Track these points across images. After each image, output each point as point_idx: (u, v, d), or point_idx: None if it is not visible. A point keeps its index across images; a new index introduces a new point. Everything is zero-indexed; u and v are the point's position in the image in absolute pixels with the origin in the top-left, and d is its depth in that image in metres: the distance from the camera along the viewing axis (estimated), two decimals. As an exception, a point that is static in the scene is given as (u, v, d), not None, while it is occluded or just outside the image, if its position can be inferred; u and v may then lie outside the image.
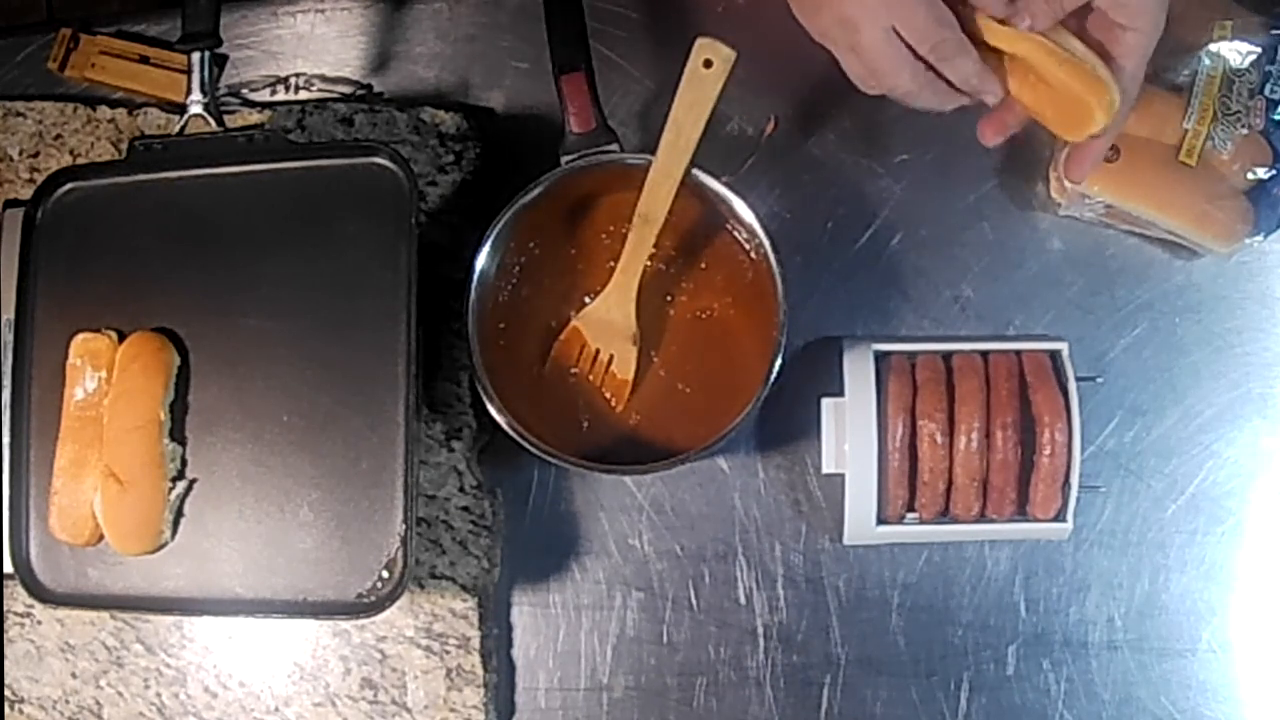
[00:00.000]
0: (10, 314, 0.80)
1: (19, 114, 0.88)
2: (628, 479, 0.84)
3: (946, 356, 0.79)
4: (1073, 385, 0.76)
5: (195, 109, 0.78)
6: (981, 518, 0.78)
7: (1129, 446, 0.83)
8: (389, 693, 0.82)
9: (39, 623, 0.85)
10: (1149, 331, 0.83)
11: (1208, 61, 0.78)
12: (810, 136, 0.85)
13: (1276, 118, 0.78)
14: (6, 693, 0.85)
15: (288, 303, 0.77)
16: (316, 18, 0.89)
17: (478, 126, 0.85)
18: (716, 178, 0.77)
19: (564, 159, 0.78)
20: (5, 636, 0.84)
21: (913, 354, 0.79)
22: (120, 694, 0.84)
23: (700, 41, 0.74)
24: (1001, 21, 0.65)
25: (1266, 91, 0.79)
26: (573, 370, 0.81)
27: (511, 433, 0.76)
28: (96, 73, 0.89)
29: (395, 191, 0.76)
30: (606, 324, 0.81)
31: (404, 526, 0.72)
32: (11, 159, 0.88)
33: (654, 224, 0.77)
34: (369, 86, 0.88)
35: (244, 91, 0.88)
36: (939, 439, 0.76)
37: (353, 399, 0.75)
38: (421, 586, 0.81)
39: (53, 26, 0.89)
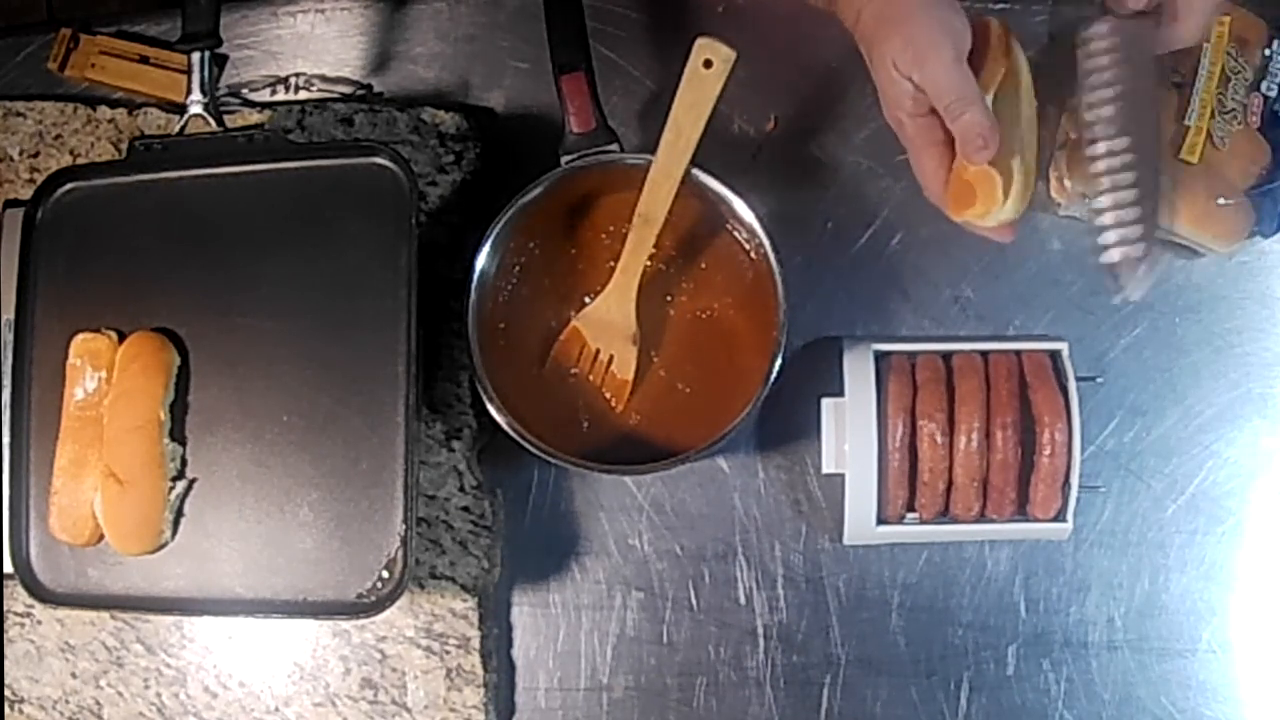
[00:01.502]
0: (10, 314, 0.80)
1: (19, 114, 0.88)
2: (628, 479, 0.84)
3: (946, 356, 0.79)
4: (1073, 385, 0.76)
5: (195, 109, 0.78)
6: (981, 518, 0.78)
7: (1129, 446, 0.82)
8: (389, 693, 0.82)
9: (39, 623, 0.85)
10: (1149, 331, 0.83)
11: (1207, 58, 0.78)
12: (810, 136, 0.85)
13: (1274, 113, 0.79)
14: (6, 693, 0.85)
15: (288, 303, 0.77)
16: (316, 18, 0.89)
17: (478, 126, 0.85)
18: (716, 178, 0.77)
19: (564, 159, 0.78)
20: (5, 636, 0.84)
21: (913, 354, 0.79)
22: (120, 694, 0.84)
23: (700, 41, 0.74)
24: None
25: (1263, 89, 0.79)
26: (573, 370, 0.81)
27: (511, 433, 0.76)
28: (96, 73, 0.89)
29: (395, 191, 0.76)
30: (606, 324, 0.81)
31: (404, 526, 0.72)
32: (11, 159, 0.88)
33: (654, 224, 0.77)
34: (369, 86, 0.88)
35: (244, 91, 0.88)
36: (939, 439, 0.76)
37: (353, 399, 0.75)
38: (421, 586, 0.81)
39: (53, 26, 0.89)
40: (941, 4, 0.66)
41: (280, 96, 0.88)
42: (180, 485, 0.76)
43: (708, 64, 0.74)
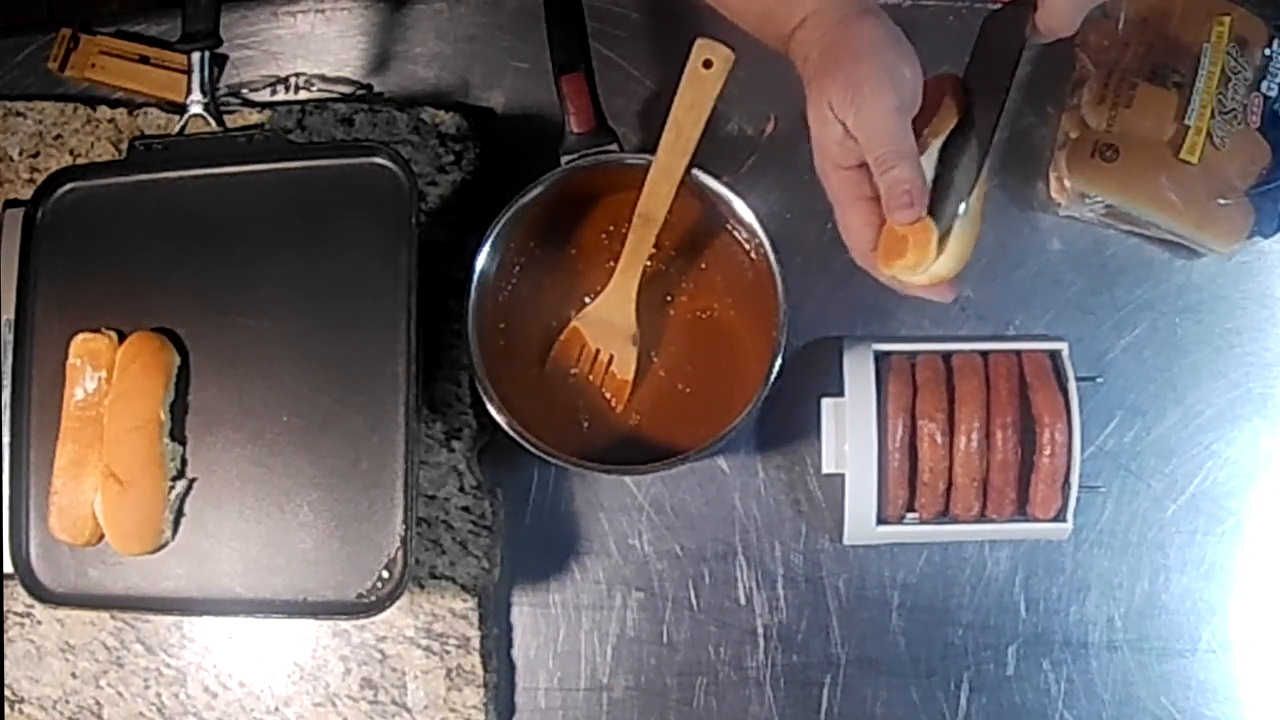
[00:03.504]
0: (10, 314, 0.80)
1: (19, 114, 0.88)
2: (628, 479, 0.84)
3: (946, 356, 0.79)
4: (1073, 385, 0.76)
5: (195, 109, 0.79)
6: (981, 518, 0.78)
7: (1129, 446, 0.82)
8: (389, 693, 0.82)
9: (39, 623, 0.85)
10: (1149, 331, 0.83)
11: (1207, 58, 0.78)
12: (810, 136, 0.85)
13: (1274, 113, 0.79)
14: (6, 693, 0.85)
15: (288, 303, 0.77)
16: (316, 18, 0.89)
17: (478, 126, 0.85)
18: (716, 178, 0.77)
19: (564, 159, 0.78)
20: (5, 636, 0.84)
21: (913, 354, 0.79)
22: (120, 694, 0.84)
23: (700, 41, 0.74)
24: None
25: (1263, 89, 0.79)
26: (573, 370, 0.81)
27: (511, 433, 0.76)
28: (96, 73, 0.89)
29: (395, 191, 0.76)
30: (606, 324, 0.81)
31: (404, 526, 0.72)
32: (11, 159, 0.88)
33: (654, 224, 0.77)
34: (369, 86, 0.88)
35: (244, 91, 0.88)
36: (939, 439, 0.76)
37: (353, 399, 0.75)
38: (421, 586, 0.81)
39: (53, 26, 0.89)
40: (896, 54, 0.62)
41: (280, 96, 0.88)
42: (180, 485, 0.76)
43: (708, 64, 0.74)
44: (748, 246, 0.80)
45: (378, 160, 0.77)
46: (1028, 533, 0.79)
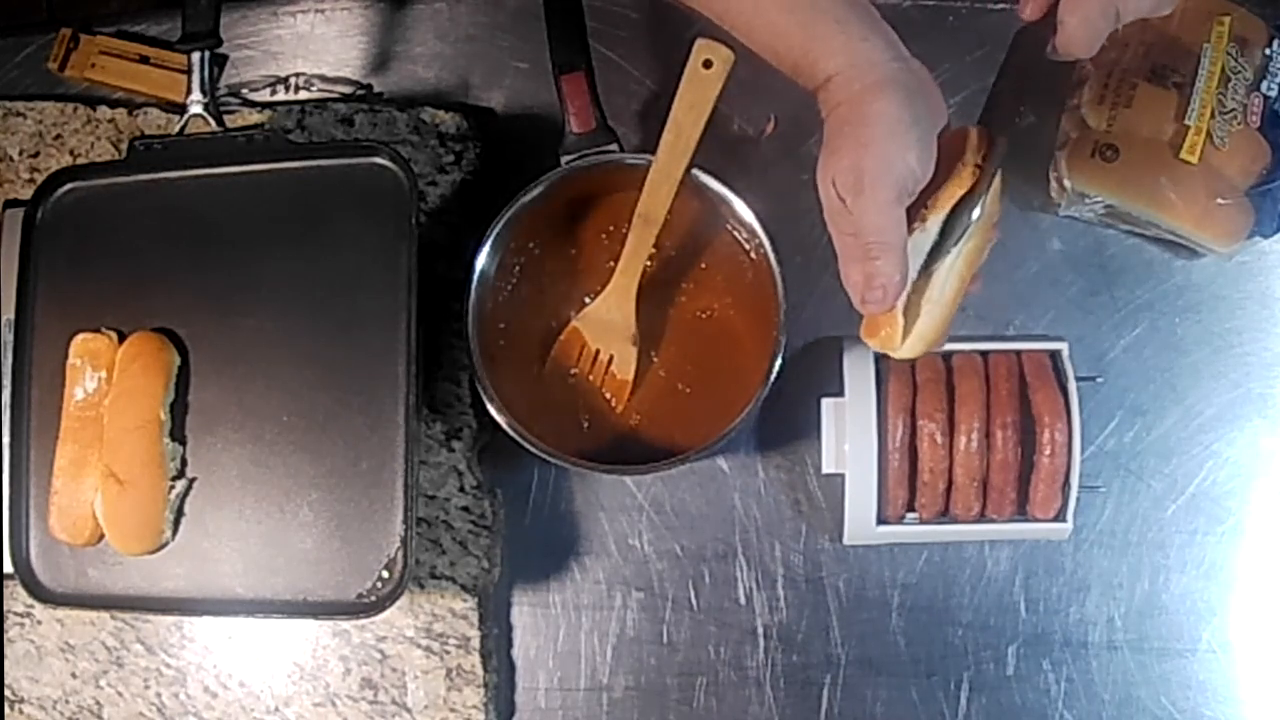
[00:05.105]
0: (10, 314, 0.80)
1: (19, 114, 0.88)
2: (628, 479, 0.84)
3: (946, 356, 0.79)
4: (1073, 385, 0.76)
5: (195, 109, 0.79)
6: (981, 518, 0.78)
7: (1129, 446, 0.83)
8: (389, 693, 0.82)
9: (39, 623, 0.85)
10: (1149, 331, 0.83)
11: (1207, 58, 0.78)
12: (810, 136, 0.85)
13: (1274, 113, 0.79)
14: (6, 693, 0.85)
15: (288, 303, 0.77)
16: (316, 18, 0.89)
17: (478, 126, 0.86)
18: (716, 178, 0.77)
19: (564, 159, 0.78)
20: (5, 636, 0.84)
21: (913, 354, 0.80)
22: (120, 694, 0.84)
23: (700, 42, 0.74)
24: None
25: (1263, 89, 0.79)
26: (573, 370, 0.81)
27: (511, 433, 0.76)
28: (96, 73, 0.89)
29: (395, 191, 0.76)
30: (606, 324, 0.81)
31: (404, 526, 0.72)
32: (11, 159, 0.88)
33: (654, 224, 0.77)
34: (369, 86, 0.88)
35: (244, 91, 0.88)
36: (939, 439, 0.76)
37: (353, 399, 0.75)
38: (421, 586, 0.81)
39: (53, 26, 0.89)
40: (904, 142, 0.61)
41: (280, 96, 0.88)
42: (180, 485, 0.76)
43: (708, 64, 0.74)
44: (748, 246, 0.80)
45: (378, 160, 0.77)
46: (1028, 533, 0.79)
